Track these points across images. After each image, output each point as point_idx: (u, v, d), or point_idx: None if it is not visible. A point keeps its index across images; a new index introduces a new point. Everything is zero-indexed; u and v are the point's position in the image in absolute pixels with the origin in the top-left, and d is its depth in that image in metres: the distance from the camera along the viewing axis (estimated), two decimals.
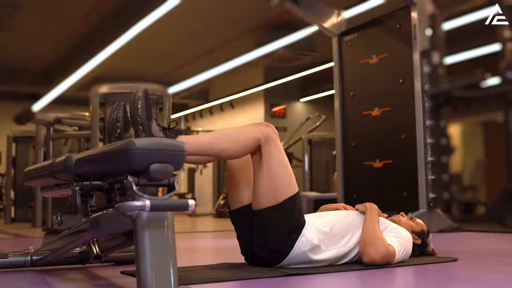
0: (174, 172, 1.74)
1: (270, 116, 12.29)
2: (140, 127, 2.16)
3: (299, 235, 2.40)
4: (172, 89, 12.29)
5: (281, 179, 2.39)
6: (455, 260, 2.78)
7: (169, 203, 1.65)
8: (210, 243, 4.90)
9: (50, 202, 6.30)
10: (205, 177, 12.84)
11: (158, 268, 1.63)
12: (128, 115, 2.24)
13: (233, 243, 2.67)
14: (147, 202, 1.58)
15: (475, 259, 3.06)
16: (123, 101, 2.27)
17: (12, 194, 8.68)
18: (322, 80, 10.65)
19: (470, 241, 4.43)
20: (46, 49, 10.34)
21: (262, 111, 12.31)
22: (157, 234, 1.66)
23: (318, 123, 9.94)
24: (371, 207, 2.64)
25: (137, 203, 1.58)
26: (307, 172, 9.57)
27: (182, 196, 12.43)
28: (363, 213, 2.63)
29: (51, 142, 6.44)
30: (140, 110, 2.16)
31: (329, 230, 2.50)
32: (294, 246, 2.39)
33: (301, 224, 2.44)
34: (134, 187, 1.65)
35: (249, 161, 2.47)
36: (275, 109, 12.44)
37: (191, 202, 1.65)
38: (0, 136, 9.41)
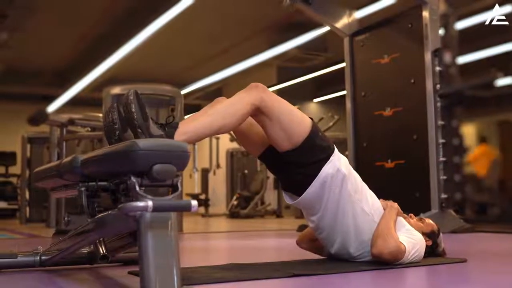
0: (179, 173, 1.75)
1: None
2: (139, 130, 2.16)
3: (326, 161, 2.50)
4: (186, 90, 12.33)
5: (291, 124, 2.45)
6: (464, 261, 2.76)
7: (172, 203, 1.65)
8: (222, 243, 4.91)
9: (64, 202, 6.35)
10: (219, 177, 12.86)
11: (161, 268, 1.64)
12: (123, 116, 2.23)
13: (245, 243, 2.68)
14: (150, 203, 1.58)
15: (484, 259, 3.04)
16: (115, 103, 2.26)
17: (27, 195, 8.76)
18: (335, 80, 10.63)
19: (482, 242, 4.40)
20: (61, 51, 10.44)
21: None
22: (160, 234, 1.66)
23: (331, 124, 9.91)
24: (392, 205, 2.69)
25: (140, 203, 1.59)
26: None
27: (195, 196, 12.49)
28: (384, 209, 2.66)
29: (64, 143, 6.49)
30: (135, 113, 2.15)
31: (357, 179, 2.63)
32: (322, 169, 2.48)
33: (327, 152, 2.53)
34: (137, 188, 1.66)
35: (253, 121, 2.52)
36: None
37: (194, 202, 1.66)
38: (16, 137, 9.50)
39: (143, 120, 2.20)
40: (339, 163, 2.52)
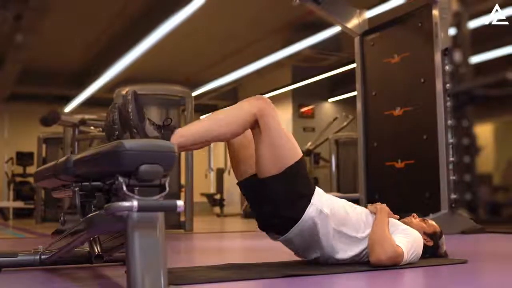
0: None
1: (298, 116, 12.25)
2: (134, 130, 2.17)
3: (308, 203, 2.43)
4: (201, 90, 12.37)
5: (282, 148, 2.41)
6: (464, 262, 2.73)
7: (157, 204, 1.66)
8: (231, 243, 4.91)
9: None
10: (234, 178, 12.84)
11: (148, 268, 1.65)
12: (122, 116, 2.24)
13: (253, 243, 2.67)
14: (135, 203, 1.59)
15: (486, 260, 3.01)
16: (117, 103, 2.28)
17: (43, 195, 8.85)
18: (350, 80, 10.58)
19: (490, 243, 4.36)
20: (76, 52, 10.52)
21: (290, 111, 12.28)
22: (147, 234, 1.67)
23: (345, 123, 9.90)
24: (382, 208, 2.64)
25: (125, 203, 1.60)
26: (334, 173, 9.53)
27: (211, 196, 12.52)
28: (373, 213, 2.62)
29: (76, 143, 6.53)
30: (131, 114, 2.17)
31: (340, 211, 2.52)
32: (305, 213, 2.41)
33: (309, 190, 2.47)
34: (124, 188, 1.67)
35: (250, 137, 2.48)
36: (303, 109, 12.39)
37: (180, 203, 1.66)
38: (33, 137, 9.60)
39: (139, 121, 2.21)
40: (320, 204, 2.45)
